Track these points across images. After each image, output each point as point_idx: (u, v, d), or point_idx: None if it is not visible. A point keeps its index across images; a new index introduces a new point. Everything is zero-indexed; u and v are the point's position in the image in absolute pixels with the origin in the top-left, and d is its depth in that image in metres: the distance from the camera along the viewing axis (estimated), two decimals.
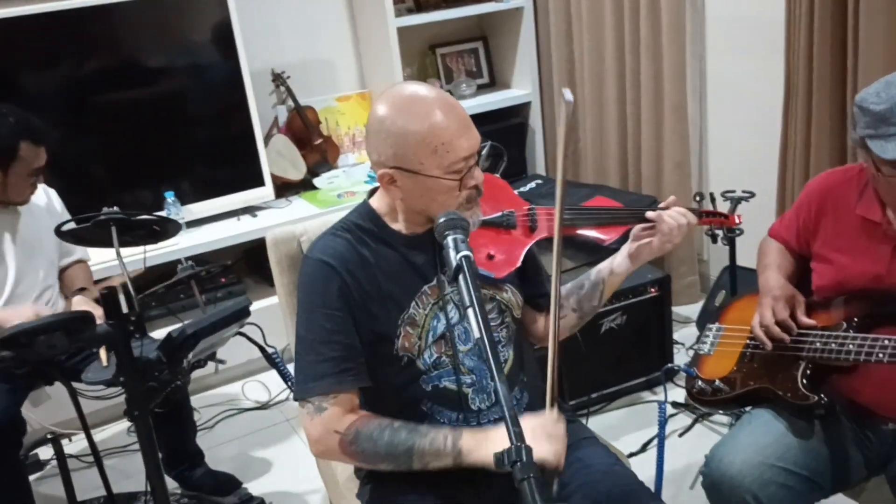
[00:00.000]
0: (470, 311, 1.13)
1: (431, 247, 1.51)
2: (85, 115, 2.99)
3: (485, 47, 3.92)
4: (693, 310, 3.29)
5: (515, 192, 1.70)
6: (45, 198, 2.43)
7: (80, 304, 2.32)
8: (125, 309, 2.15)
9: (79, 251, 2.52)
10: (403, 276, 1.49)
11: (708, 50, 3.15)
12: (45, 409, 2.65)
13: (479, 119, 3.62)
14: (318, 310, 1.43)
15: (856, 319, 1.60)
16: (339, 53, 3.63)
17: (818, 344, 1.62)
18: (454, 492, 1.46)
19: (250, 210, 3.31)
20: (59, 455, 1.87)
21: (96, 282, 2.54)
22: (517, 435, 0.99)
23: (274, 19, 3.44)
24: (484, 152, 1.77)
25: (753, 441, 1.64)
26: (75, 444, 2.86)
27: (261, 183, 3.31)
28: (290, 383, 2.21)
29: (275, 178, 3.37)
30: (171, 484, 2.53)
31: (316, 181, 3.51)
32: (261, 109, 3.28)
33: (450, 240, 1.23)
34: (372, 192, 1.60)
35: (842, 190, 1.70)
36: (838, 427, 1.65)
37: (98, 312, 2.15)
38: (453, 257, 1.20)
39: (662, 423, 1.92)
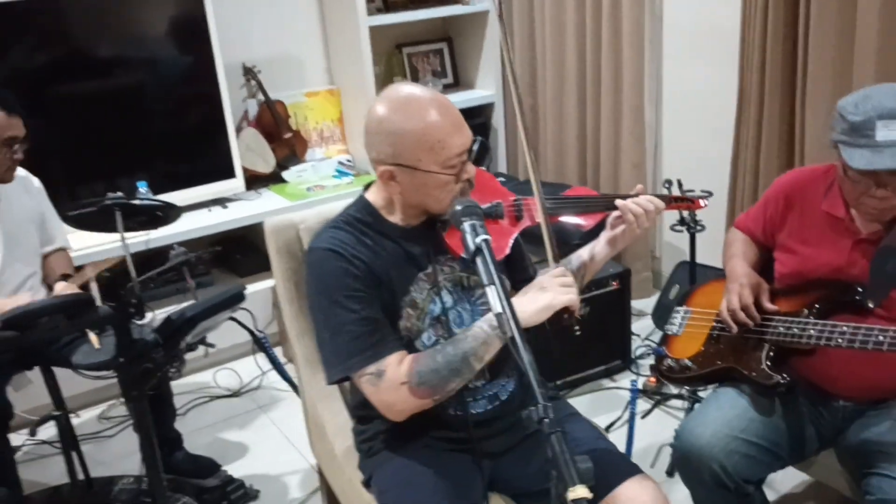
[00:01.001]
0: (490, 289, 1.24)
1: (426, 238, 1.61)
2: (60, 105, 2.99)
3: (449, 48, 4.04)
4: (646, 303, 3.47)
5: None
6: (23, 181, 2.43)
7: (65, 290, 2.35)
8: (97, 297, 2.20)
9: (59, 240, 2.53)
10: (402, 264, 1.58)
11: (665, 57, 3.32)
12: (20, 394, 2.66)
13: None
14: (339, 293, 1.51)
15: (816, 306, 1.76)
16: (309, 50, 3.69)
17: (781, 328, 1.78)
18: (453, 445, 1.58)
19: (221, 202, 3.35)
20: (64, 432, 1.90)
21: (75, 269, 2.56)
22: (543, 394, 1.11)
23: (245, 14, 3.48)
24: (474, 147, 1.88)
25: (720, 415, 1.79)
26: (46, 431, 2.87)
27: (231, 175, 3.35)
28: (277, 366, 2.28)
29: (245, 170, 3.42)
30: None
31: (285, 174, 3.57)
32: (231, 103, 3.32)
33: (467, 225, 1.33)
34: (366, 187, 1.68)
35: (809, 187, 1.86)
36: (796, 404, 1.82)
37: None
38: (471, 241, 1.30)
39: (634, 394, 2.06)
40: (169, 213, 2.06)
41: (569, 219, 1.83)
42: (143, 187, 3.12)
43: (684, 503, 1.88)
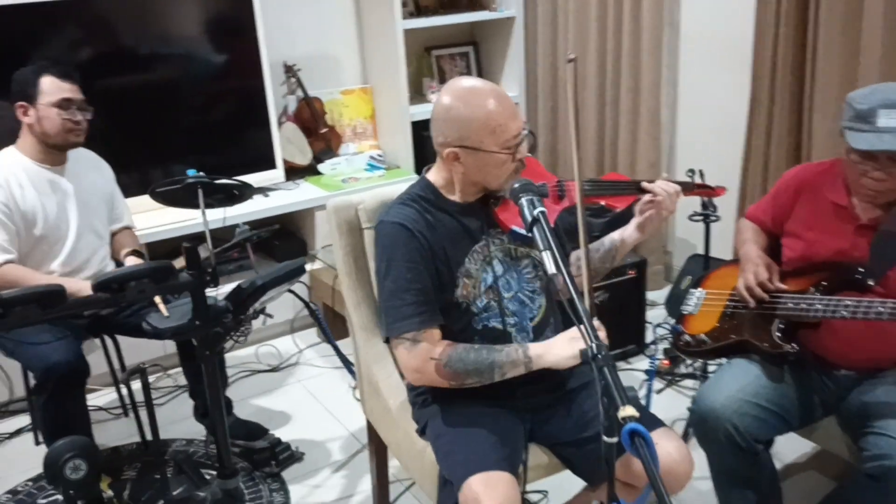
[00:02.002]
0: (546, 254, 1.45)
1: (480, 213, 1.83)
2: (120, 97, 3.21)
3: (475, 51, 4.26)
4: (658, 294, 3.68)
5: None
6: (95, 161, 2.66)
7: (132, 262, 2.57)
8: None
9: (126, 219, 2.76)
10: (459, 237, 1.81)
11: (681, 63, 3.54)
12: None
13: None
14: (402, 263, 1.73)
15: (823, 284, 1.97)
16: (345, 50, 3.92)
17: (790, 304, 2.00)
18: (498, 400, 1.79)
19: (262, 190, 3.56)
20: (146, 386, 2.11)
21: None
22: (595, 336, 1.32)
23: (288, 15, 3.70)
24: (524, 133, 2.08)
25: (733, 382, 2.00)
26: (104, 396, 3.09)
27: (272, 166, 3.57)
28: (329, 336, 2.48)
29: (284, 162, 3.64)
30: (202, 431, 2.79)
31: (320, 167, 3.79)
32: (273, 98, 3.54)
33: (524, 200, 1.55)
34: (427, 169, 1.90)
35: (816, 179, 2.08)
36: (803, 373, 2.03)
37: None
38: (528, 213, 1.52)
39: (654, 366, 2.28)
40: (244, 192, 2.28)
41: (604, 201, 2.05)
42: (192, 174, 3.34)
43: (698, 466, 2.09)
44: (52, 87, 2.40)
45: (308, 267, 3.44)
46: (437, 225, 1.79)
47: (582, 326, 1.34)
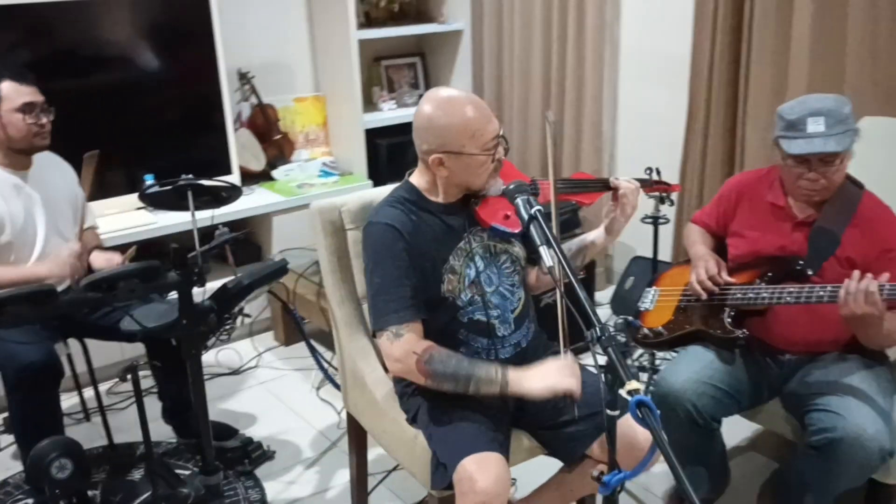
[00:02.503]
0: (543, 248, 1.59)
1: (462, 212, 1.96)
2: (75, 101, 3.19)
3: (422, 62, 4.40)
4: (602, 295, 3.88)
5: None
6: (57, 164, 2.66)
7: (99, 257, 2.58)
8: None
9: (90, 219, 2.77)
10: (443, 235, 1.93)
11: (621, 78, 3.76)
12: None
13: None
14: (389, 261, 1.85)
15: (769, 275, 2.18)
16: (298, 58, 3.99)
17: (739, 294, 2.19)
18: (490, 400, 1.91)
19: None
20: (136, 384, 2.15)
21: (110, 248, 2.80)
22: (598, 320, 1.46)
23: (242, 23, 3.75)
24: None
25: (690, 366, 2.19)
26: (66, 401, 3.06)
27: (228, 171, 3.61)
28: (305, 334, 2.56)
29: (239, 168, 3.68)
30: (169, 433, 2.82)
31: (274, 173, 3.85)
32: (229, 104, 3.59)
33: (520, 200, 1.69)
34: (409, 173, 2.02)
35: (755, 185, 2.29)
36: (751, 358, 2.23)
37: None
38: (525, 212, 1.66)
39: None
40: (232, 194, 2.34)
41: (573, 198, 2.21)
42: (149, 179, 3.36)
43: None
44: (12, 93, 2.40)
45: None
46: (422, 225, 1.91)
47: (589, 310, 1.49)
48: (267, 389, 3.23)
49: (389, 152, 3.99)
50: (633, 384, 1.32)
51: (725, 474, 2.40)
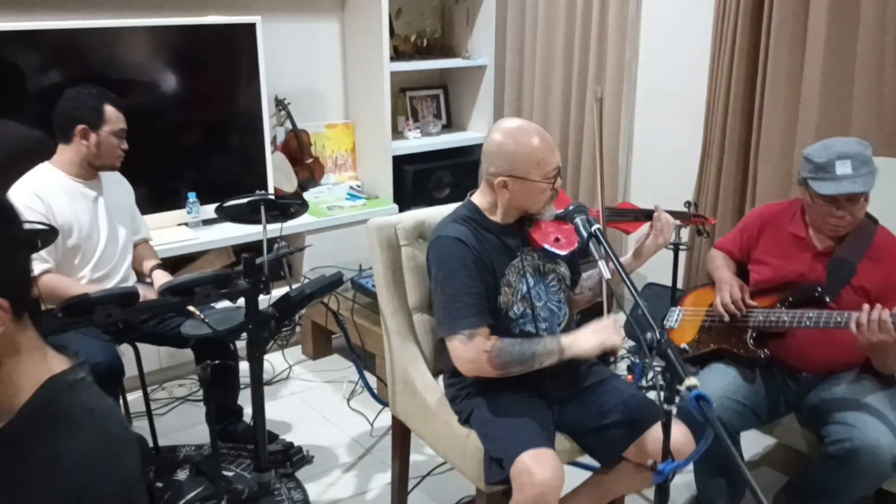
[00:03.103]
0: (601, 262, 1.78)
1: (517, 233, 2.14)
2: (135, 123, 3.37)
3: (445, 94, 4.61)
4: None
5: None
6: (118, 177, 2.83)
7: (161, 276, 2.75)
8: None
9: (144, 231, 2.93)
10: (500, 252, 2.12)
11: (637, 113, 3.98)
12: None
13: (443, 154, 4.32)
14: (459, 271, 2.02)
15: (790, 299, 2.37)
16: (331, 87, 4.20)
17: (761, 317, 2.38)
18: (532, 391, 2.09)
19: None
20: (207, 382, 2.30)
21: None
22: (655, 325, 1.64)
23: (280, 52, 3.95)
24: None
25: (715, 382, 2.37)
26: None
27: (265, 191, 3.78)
28: (351, 344, 2.72)
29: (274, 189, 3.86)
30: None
31: (305, 195, 4.02)
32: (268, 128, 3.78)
33: (579, 220, 1.88)
34: (471, 194, 2.20)
35: (777, 216, 2.49)
36: (771, 376, 2.41)
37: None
38: (584, 230, 1.85)
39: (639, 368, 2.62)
40: (299, 209, 2.52)
41: (619, 226, 2.40)
42: (192, 197, 3.53)
43: None
44: (114, 117, 2.60)
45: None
46: (484, 241, 2.09)
47: (642, 307, 1.67)
48: (299, 399, 3.37)
49: (415, 178, 4.18)
50: (690, 380, 1.49)
51: (743, 485, 2.57)
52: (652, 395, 3.26)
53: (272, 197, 2.43)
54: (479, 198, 2.17)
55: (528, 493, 1.85)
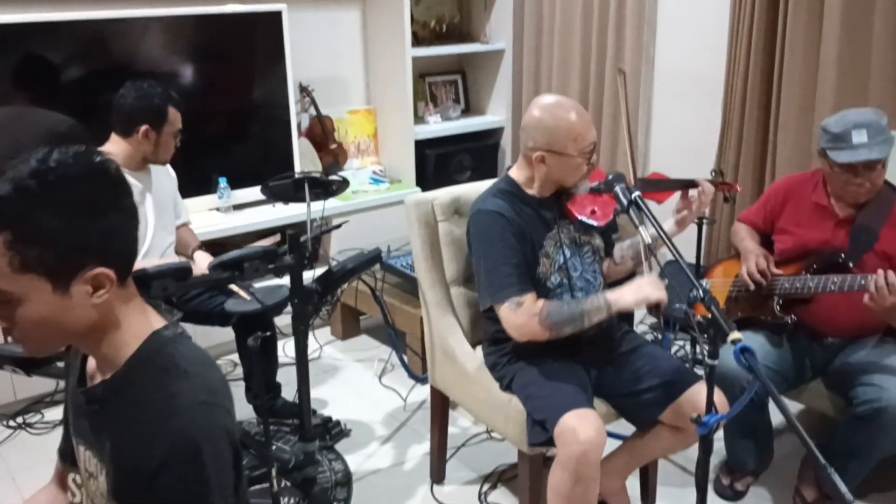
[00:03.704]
0: (642, 228, 1.85)
1: (554, 206, 2.22)
2: None
3: (462, 79, 4.68)
4: None
5: None
6: (166, 169, 2.92)
7: (203, 257, 2.84)
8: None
9: (184, 215, 3.02)
10: (538, 224, 2.20)
11: (655, 94, 4.05)
12: None
13: (463, 138, 4.38)
14: (501, 243, 2.10)
15: (814, 266, 2.44)
16: (353, 74, 4.27)
17: (787, 285, 2.46)
18: (570, 356, 2.18)
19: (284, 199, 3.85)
20: (257, 352, 2.38)
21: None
22: (699, 284, 1.71)
23: (304, 39, 4.02)
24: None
25: None
26: None
27: (292, 176, 3.86)
28: (388, 317, 2.80)
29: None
30: (250, 414, 3.04)
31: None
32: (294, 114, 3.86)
33: (619, 189, 1.95)
34: (508, 168, 2.28)
35: (800, 186, 2.56)
36: (797, 341, 2.49)
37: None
38: (625, 197, 1.92)
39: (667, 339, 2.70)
40: (340, 187, 2.60)
41: (652, 196, 2.45)
42: (223, 182, 3.62)
43: None
44: (175, 119, 2.70)
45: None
46: (522, 213, 2.17)
47: (689, 274, 1.75)
48: (332, 378, 3.46)
49: (437, 161, 4.26)
50: (735, 334, 1.57)
51: (771, 449, 2.65)
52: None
53: (317, 175, 2.51)
54: (516, 172, 2.25)
55: (574, 451, 1.93)
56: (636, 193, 1.92)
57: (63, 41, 3.24)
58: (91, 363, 1.23)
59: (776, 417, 2.97)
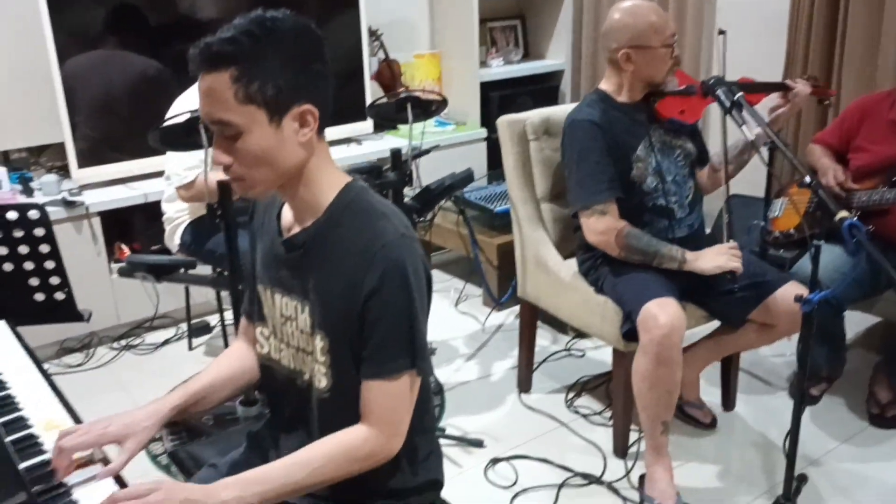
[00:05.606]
0: (745, 127, 1.97)
1: (644, 110, 2.35)
2: None
3: (522, 24, 4.78)
4: None
5: None
6: None
7: None
8: None
9: None
10: (631, 129, 2.33)
11: (716, 28, 4.11)
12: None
13: (524, 81, 4.48)
14: (593, 151, 2.25)
15: (893, 179, 2.55)
16: (419, 18, 4.39)
17: (864, 198, 2.57)
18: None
19: (355, 139, 4.01)
20: None
21: None
22: (805, 170, 1.83)
23: None
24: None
25: (824, 257, 2.51)
26: None
27: (363, 118, 4.01)
28: (475, 237, 2.94)
29: None
30: None
31: None
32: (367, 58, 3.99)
33: (721, 91, 2.06)
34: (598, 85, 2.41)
35: (876, 105, 2.67)
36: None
37: None
38: (727, 99, 2.03)
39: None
40: (440, 106, 2.73)
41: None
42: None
43: None
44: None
45: None
46: (614, 121, 2.30)
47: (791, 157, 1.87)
48: None
49: (500, 103, 4.37)
50: (842, 213, 1.69)
51: (843, 359, 2.77)
52: None
53: (419, 94, 2.64)
54: (604, 83, 2.38)
55: (655, 335, 2.08)
56: (739, 94, 2.04)
57: None
58: (286, 219, 1.38)
59: (849, 331, 3.11)
